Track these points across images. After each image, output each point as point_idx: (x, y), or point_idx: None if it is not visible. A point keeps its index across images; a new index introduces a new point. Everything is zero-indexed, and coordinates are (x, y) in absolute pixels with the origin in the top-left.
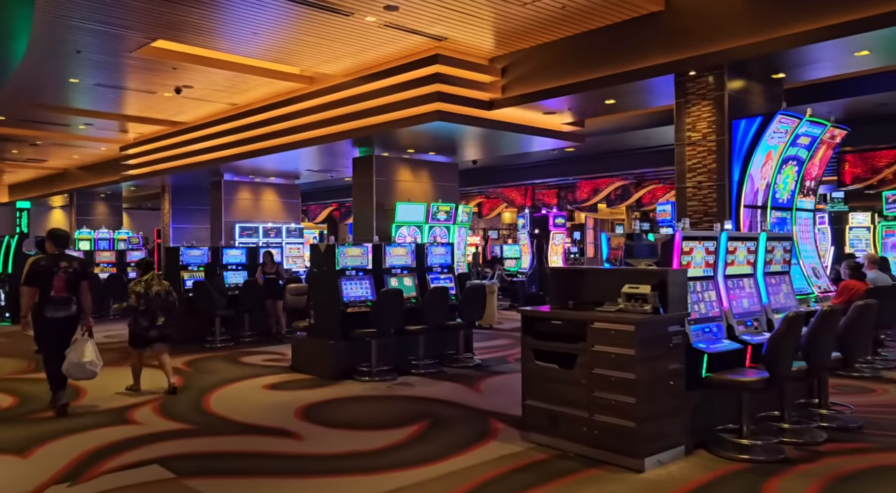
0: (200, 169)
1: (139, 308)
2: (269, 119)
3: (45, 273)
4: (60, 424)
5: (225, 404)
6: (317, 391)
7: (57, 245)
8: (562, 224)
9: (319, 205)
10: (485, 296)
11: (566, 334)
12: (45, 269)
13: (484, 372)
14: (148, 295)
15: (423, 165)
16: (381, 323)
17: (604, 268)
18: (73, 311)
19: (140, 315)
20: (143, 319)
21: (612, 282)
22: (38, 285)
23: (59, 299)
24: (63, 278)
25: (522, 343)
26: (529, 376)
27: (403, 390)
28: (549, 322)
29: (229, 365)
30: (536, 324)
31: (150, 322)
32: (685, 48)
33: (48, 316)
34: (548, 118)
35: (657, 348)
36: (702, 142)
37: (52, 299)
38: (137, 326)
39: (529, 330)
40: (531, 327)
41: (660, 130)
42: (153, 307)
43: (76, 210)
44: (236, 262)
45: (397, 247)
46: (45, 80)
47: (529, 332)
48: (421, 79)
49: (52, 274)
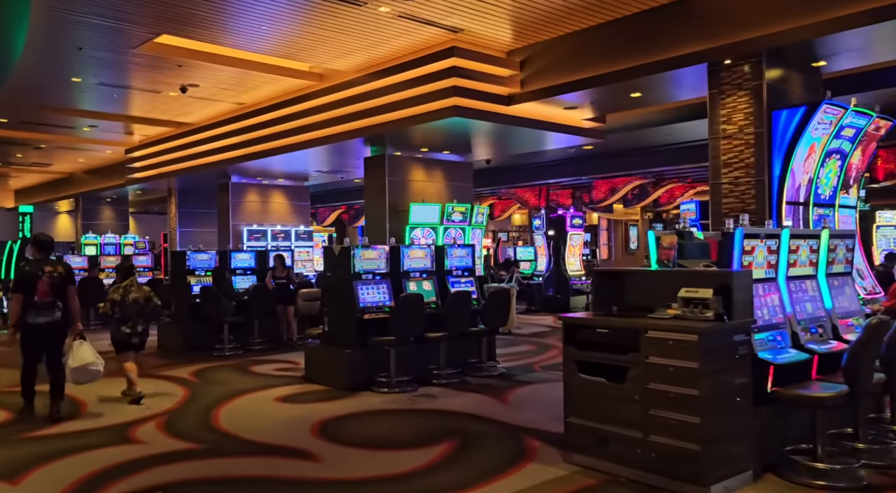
0: (207, 171)
1: (114, 316)
2: (278, 118)
3: (29, 278)
4: (55, 444)
5: (235, 419)
6: (333, 404)
7: (40, 250)
8: (579, 225)
9: (328, 208)
10: (509, 301)
11: (614, 344)
12: (29, 274)
13: (510, 382)
14: (124, 302)
15: (436, 165)
16: (401, 330)
17: (654, 270)
18: (56, 316)
19: (119, 322)
20: (125, 325)
21: (664, 285)
22: (23, 291)
23: (43, 304)
24: (47, 283)
25: (564, 354)
26: (573, 391)
27: (426, 402)
28: (594, 331)
29: (239, 375)
30: (579, 333)
31: (132, 329)
32: (719, 35)
33: (29, 322)
34: (568, 114)
35: (722, 361)
36: (738, 135)
37: (34, 304)
38: (119, 333)
39: (571, 339)
40: (573, 335)
41: (684, 126)
42: (129, 314)
43: (82, 215)
44: (245, 266)
45: (415, 249)
46: (47, 80)
47: (571, 341)
48: (437, 73)
49: (35, 279)
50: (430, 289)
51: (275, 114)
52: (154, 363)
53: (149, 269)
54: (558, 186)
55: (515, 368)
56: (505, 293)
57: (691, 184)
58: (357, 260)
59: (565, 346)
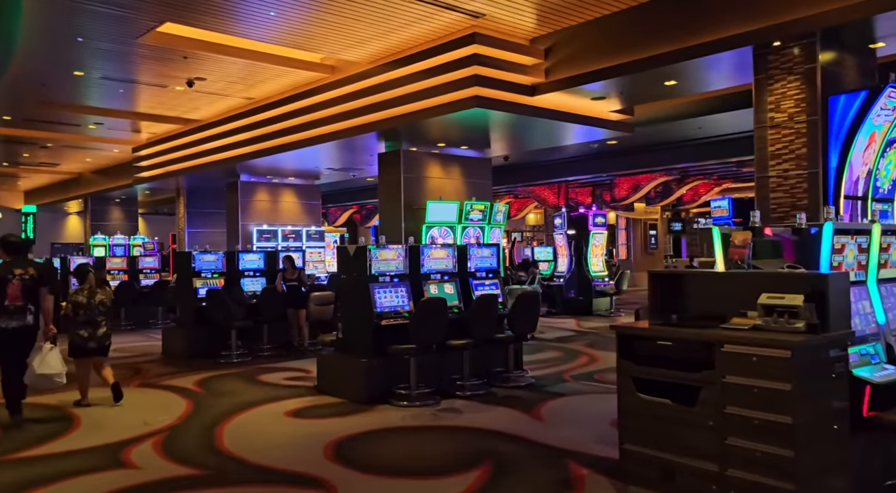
0: (216, 169)
1: (78, 319)
2: (288, 113)
3: None
4: (39, 468)
5: (241, 438)
6: (348, 420)
7: (8, 252)
8: (602, 223)
9: (339, 207)
10: (538, 305)
11: (681, 359)
12: None
13: (540, 393)
14: (90, 304)
15: (454, 161)
16: (422, 338)
17: (724, 272)
18: (28, 321)
19: (80, 326)
20: (83, 329)
21: (736, 290)
22: None
23: (13, 308)
24: (18, 286)
25: (619, 370)
26: (630, 413)
27: (450, 418)
28: (654, 343)
29: (246, 385)
30: (637, 345)
31: (91, 333)
32: (767, 15)
33: (1, 326)
34: (595, 105)
35: (819, 381)
36: (788, 123)
37: (5, 308)
38: (77, 336)
39: (627, 353)
40: (629, 348)
41: (716, 119)
42: (94, 317)
43: (91, 215)
44: (254, 267)
45: (437, 249)
46: (48, 75)
47: (627, 355)
48: (457, 61)
49: (5, 282)
50: (452, 292)
51: (285, 108)
52: (157, 372)
53: (155, 270)
54: (577, 184)
55: (544, 377)
56: (534, 297)
57: (717, 181)
58: (373, 261)
59: (620, 360)
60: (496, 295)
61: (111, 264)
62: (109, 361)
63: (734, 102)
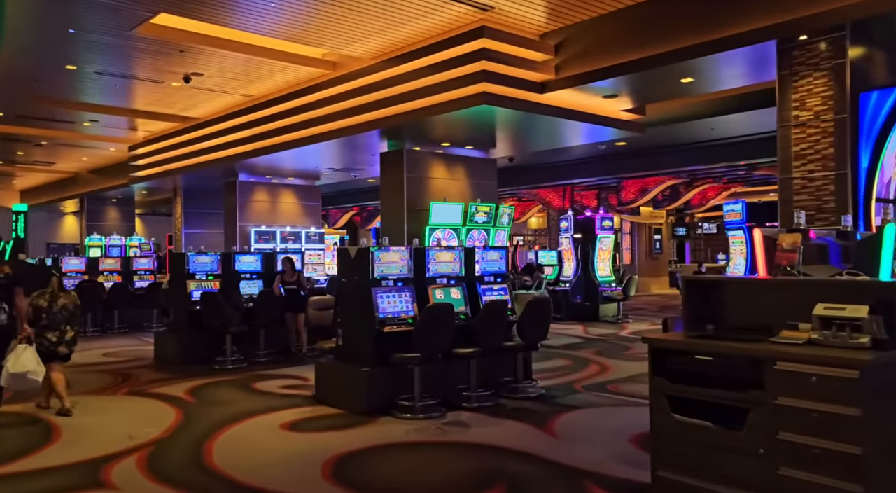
0: (214, 168)
1: (41, 323)
2: (288, 110)
3: None
4: (11, 487)
5: (232, 454)
6: (348, 434)
7: None
8: (609, 227)
9: (339, 209)
10: (549, 311)
11: (723, 376)
12: None
13: (551, 405)
14: (52, 309)
15: (458, 161)
16: (427, 346)
17: (770, 279)
18: (2, 319)
19: (44, 330)
20: (49, 334)
21: (785, 298)
22: None
23: None
24: None
25: (651, 387)
26: (664, 436)
27: (457, 432)
28: (692, 358)
29: (241, 394)
30: (671, 359)
31: (59, 338)
32: (793, 7)
33: None
34: (606, 104)
35: (888, 405)
36: (814, 122)
37: None
38: (45, 341)
39: (661, 368)
40: (663, 363)
41: (730, 119)
42: (57, 322)
43: (87, 216)
44: (251, 269)
45: (443, 252)
46: (40, 68)
47: (661, 370)
48: (464, 56)
49: None
50: (458, 297)
51: (285, 106)
52: (147, 378)
53: (150, 272)
54: (583, 187)
55: (554, 387)
56: (545, 303)
57: (726, 185)
58: (376, 263)
59: (653, 376)
60: (506, 301)
61: (104, 264)
62: (100, 366)
63: (750, 102)
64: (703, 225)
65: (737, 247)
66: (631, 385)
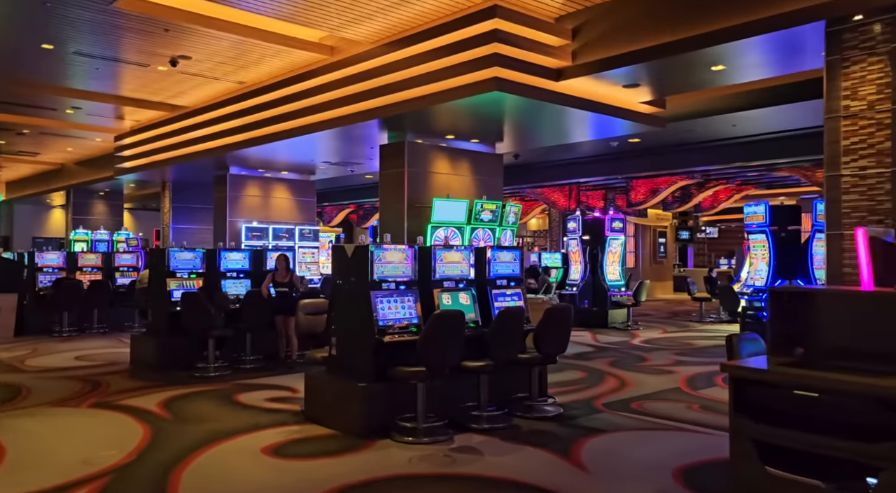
0: (203, 160)
1: None
2: (282, 98)
3: None
4: None
5: (203, 487)
6: (342, 462)
7: None
8: (620, 228)
9: (335, 206)
10: (570, 321)
11: (834, 419)
12: None
13: (573, 428)
14: None
15: (462, 156)
16: (434, 359)
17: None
18: None
19: None
20: None
21: None
22: None
23: None
24: None
25: (733, 428)
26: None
27: (469, 461)
28: (788, 392)
29: (221, 407)
30: (757, 391)
31: None
32: None
33: None
34: (624, 96)
35: None
36: (867, 113)
37: None
38: None
39: (745, 404)
40: (747, 397)
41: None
42: None
43: (73, 209)
44: (238, 267)
45: (451, 251)
46: (14, 48)
47: (745, 407)
48: (475, 38)
49: None
50: (468, 303)
51: (279, 93)
52: (119, 387)
53: (133, 269)
54: (589, 187)
55: (572, 404)
56: (566, 311)
57: (739, 187)
58: (376, 263)
59: (735, 415)
60: (522, 308)
61: (84, 260)
62: (69, 371)
63: (781, 95)
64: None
65: (758, 252)
66: (657, 404)
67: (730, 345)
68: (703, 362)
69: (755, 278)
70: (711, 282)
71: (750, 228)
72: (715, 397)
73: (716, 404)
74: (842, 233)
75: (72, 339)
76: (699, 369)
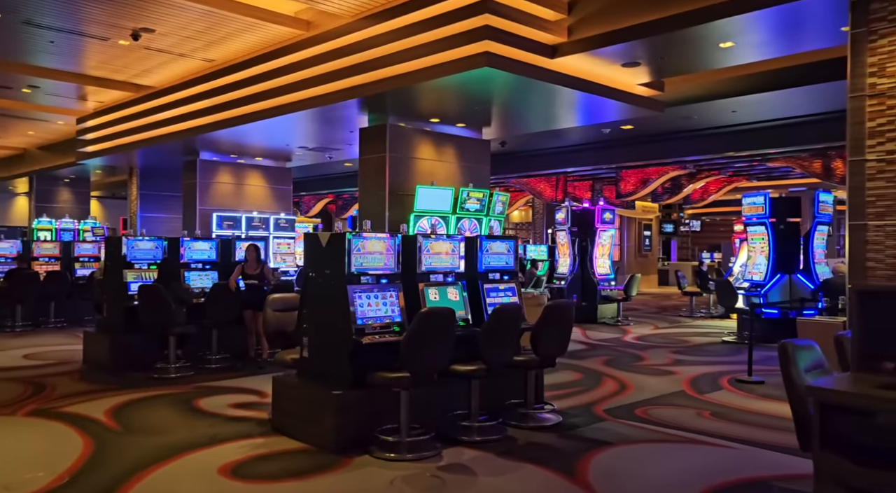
0: (172, 143)
1: None
2: (255, 77)
3: None
4: None
5: None
6: (310, 486)
7: None
8: (610, 220)
9: (313, 196)
10: (572, 320)
11: None
12: None
13: (574, 440)
14: None
15: (448, 141)
16: (420, 363)
17: None
18: None
19: None
20: None
21: None
22: None
23: None
24: None
25: (817, 470)
26: None
27: (461, 484)
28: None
29: (178, 415)
30: (847, 422)
31: None
32: None
33: None
34: (622, 77)
35: None
36: (895, 91)
37: None
38: None
39: (831, 438)
40: (834, 427)
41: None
42: None
43: (35, 196)
44: (203, 258)
45: (439, 241)
46: None
47: (832, 442)
48: (463, 9)
49: None
50: (457, 299)
51: (251, 71)
52: (65, 390)
53: (94, 259)
54: (576, 177)
55: (570, 411)
56: (567, 309)
57: (730, 178)
58: (354, 254)
59: (818, 452)
60: (518, 306)
61: (41, 250)
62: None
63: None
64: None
65: (756, 244)
66: (663, 410)
67: (784, 354)
68: (704, 362)
69: (753, 273)
70: (702, 276)
71: (749, 220)
72: (723, 401)
73: (727, 411)
74: (865, 223)
75: (25, 334)
76: (701, 370)
